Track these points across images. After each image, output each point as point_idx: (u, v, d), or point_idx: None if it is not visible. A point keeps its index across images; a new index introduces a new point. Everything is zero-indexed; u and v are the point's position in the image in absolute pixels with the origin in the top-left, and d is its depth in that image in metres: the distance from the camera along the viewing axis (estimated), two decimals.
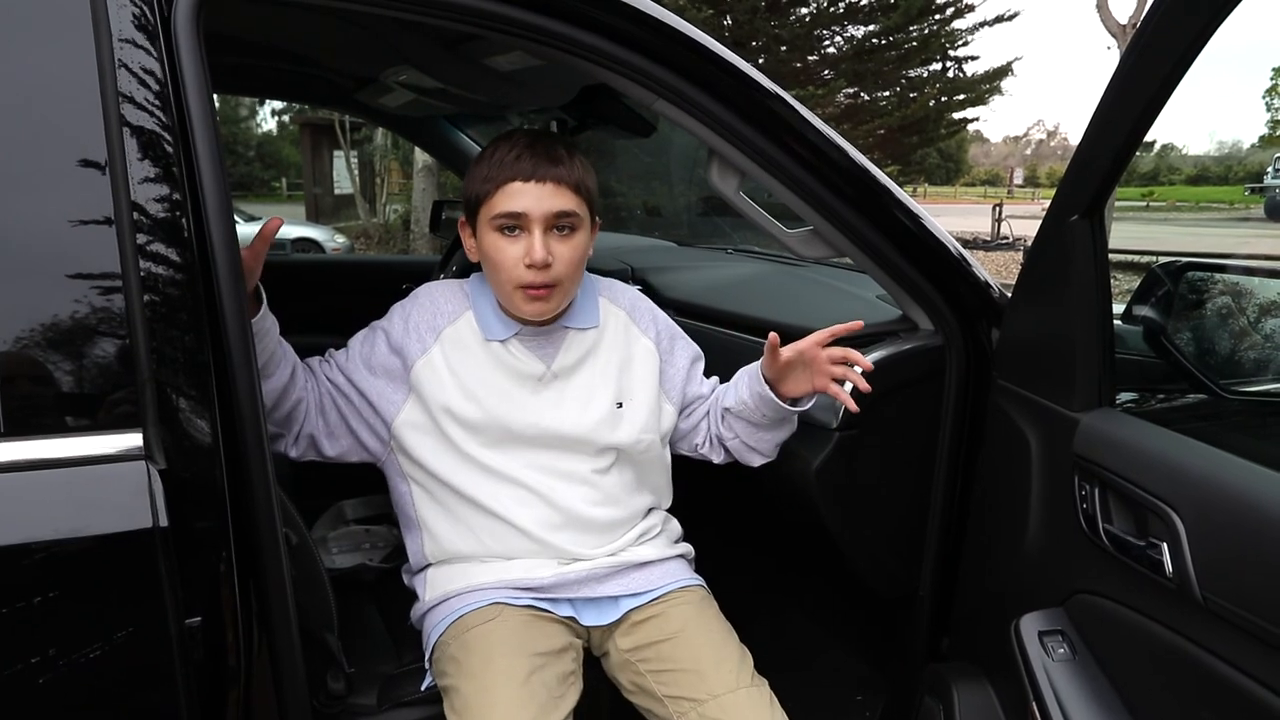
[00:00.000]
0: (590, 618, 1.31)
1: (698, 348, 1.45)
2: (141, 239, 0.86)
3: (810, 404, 1.35)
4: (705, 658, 1.25)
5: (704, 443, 1.44)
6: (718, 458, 1.44)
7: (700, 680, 1.22)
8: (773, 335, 1.26)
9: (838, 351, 1.26)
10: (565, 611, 1.29)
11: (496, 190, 1.19)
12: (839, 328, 1.26)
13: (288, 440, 1.25)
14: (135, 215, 0.86)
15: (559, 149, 1.20)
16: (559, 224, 1.20)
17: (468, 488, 1.27)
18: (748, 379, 1.34)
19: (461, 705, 1.13)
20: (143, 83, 0.88)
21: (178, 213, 0.89)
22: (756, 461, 1.41)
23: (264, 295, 1.15)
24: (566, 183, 1.19)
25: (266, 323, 1.16)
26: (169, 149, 0.89)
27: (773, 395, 1.30)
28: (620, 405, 1.31)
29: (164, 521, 0.83)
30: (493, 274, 1.24)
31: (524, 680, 1.14)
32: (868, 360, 1.28)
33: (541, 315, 1.24)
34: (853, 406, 1.27)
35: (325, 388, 1.27)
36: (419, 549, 1.34)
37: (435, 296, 1.31)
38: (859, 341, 1.52)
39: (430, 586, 1.32)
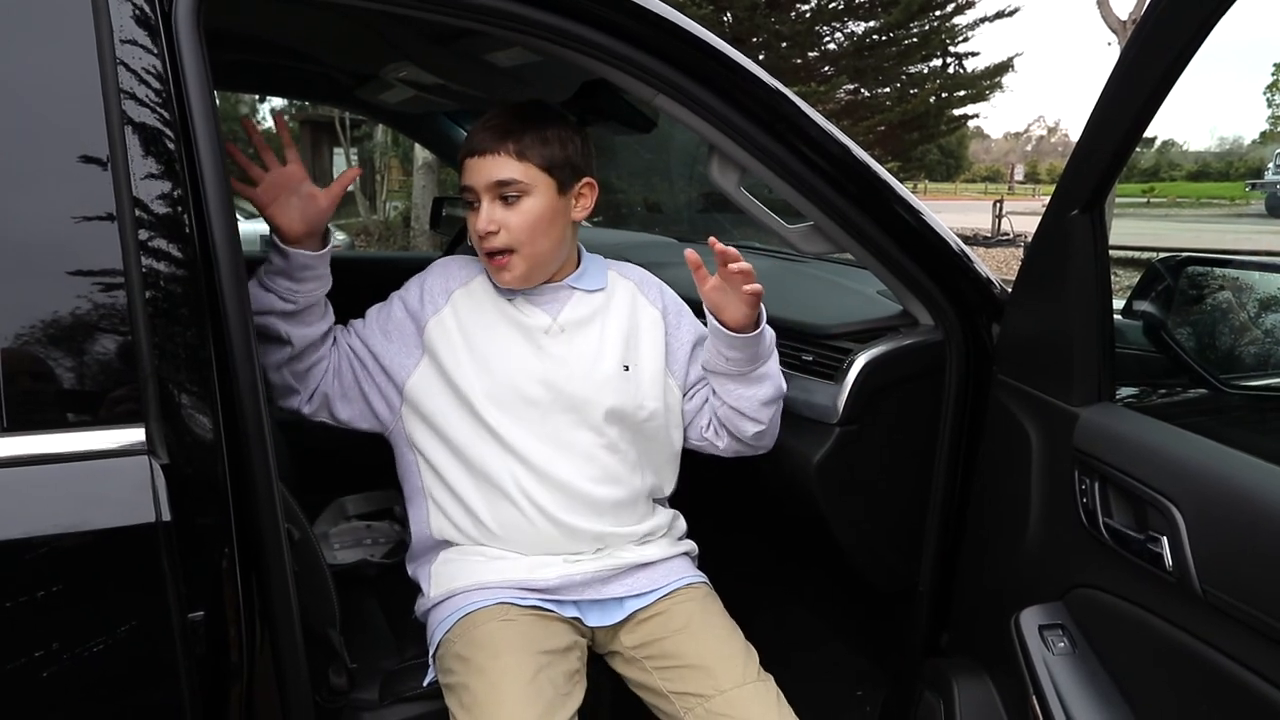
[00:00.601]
0: (595, 618, 1.31)
1: (705, 329, 1.42)
2: (143, 235, 0.86)
3: (762, 328, 1.29)
4: (710, 653, 1.25)
5: (709, 425, 1.41)
6: (722, 443, 1.41)
7: (707, 676, 1.22)
8: (689, 252, 1.24)
9: (734, 266, 1.21)
10: (570, 613, 1.29)
11: (460, 168, 1.29)
12: (712, 242, 1.22)
13: (303, 397, 1.28)
14: (137, 211, 0.86)
15: (511, 121, 1.25)
16: (503, 193, 1.25)
17: (472, 452, 1.28)
18: (708, 318, 1.31)
19: (470, 701, 1.14)
20: (144, 79, 0.88)
21: (179, 208, 0.89)
22: (749, 429, 1.35)
23: (330, 237, 1.24)
24: (507, 153, 1.24)
25: (323, 267, 1.22)
26: (170, 145, 0.89)
27: (717, 323, 1.27)
28: (627, 369, 1.33)
29: (166, 516, 0.84)
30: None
31: (532, 678, 1.14)
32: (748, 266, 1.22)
33: (508, 284, 1.29)
34: (757, 290, 1.22)
35: (344, 351, 1.31)
36: (424, 522, 1.34)
37: (449, 264, 1.38)
38: (861, 335, 1.52)
39: (435, 582, 1.32)
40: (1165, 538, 0.96)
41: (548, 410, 1.29)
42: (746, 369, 1.31)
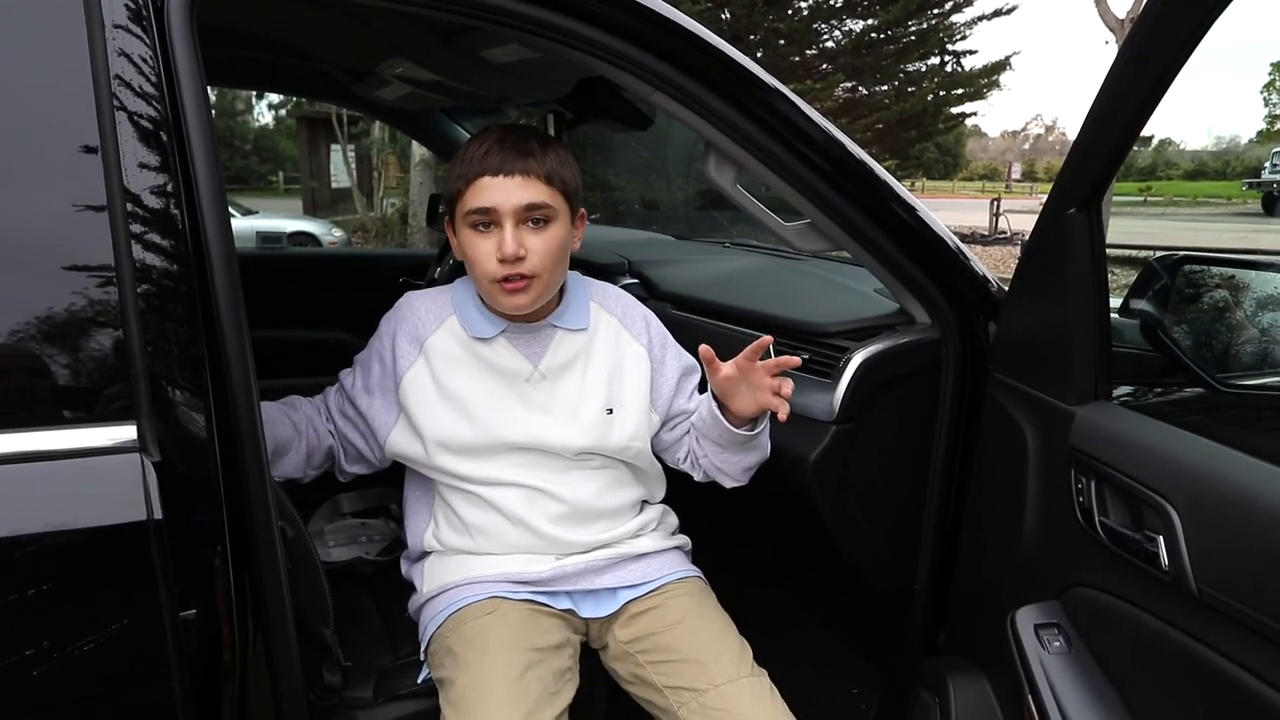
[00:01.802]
0: (589, 609, 1.31)
1: (692, 360, 1.39)
2: (135, 230, 0.85)
3: (763, 427, 1.28)
4: (705, 648, 1.25)
5: (685, 458, 1.41)
6: (698, 475, 1.41)
7: (701, 670, 1.22)
8: (704, 348, 1.19)
9: (771, 363, 1.18)
10: (564, 604, 1.29)
11: (467, 187, 1.18)
12: (764, 340, 1.17)
13: (337, 472, 1.37)
14: (129, 206, 0.85)
15: (530, 142, 1.19)
16: (531, 216, 1.18)
17: (458, 488, 1.29)
18: (708, 395, 1.29)
19: (457, 698, 1.13)
20: (136, 73, 0.87)
21: (171, 204, 0.88)
22: (727, 484, 1.37)
23: None
24: (536, 175, 1.17)
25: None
26: (163, 140, 0.88)
27: (721, 416, 1.25)
28: (610, 412, 1.30)
29: (158, 514, 0.83)
30: (470, 271, 1.24)
31: (520, 675, 1.13)
32: (794, 358, 1.18)
33: (520, 309, 1.23)
34: (783, 415, 1.18)
35: (339, 423, 1.33)
36: (418, 535, 1.35)
37: (416, 306, 1.31)
38: (858, 333, 1.52)
39: (428, 578, 1.32)
40: (1161, 537, 0.95)
41: (529, 454, 1.28)
42: (742, 441, 1.28)
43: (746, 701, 1.19)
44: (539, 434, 1.27)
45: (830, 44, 12.79)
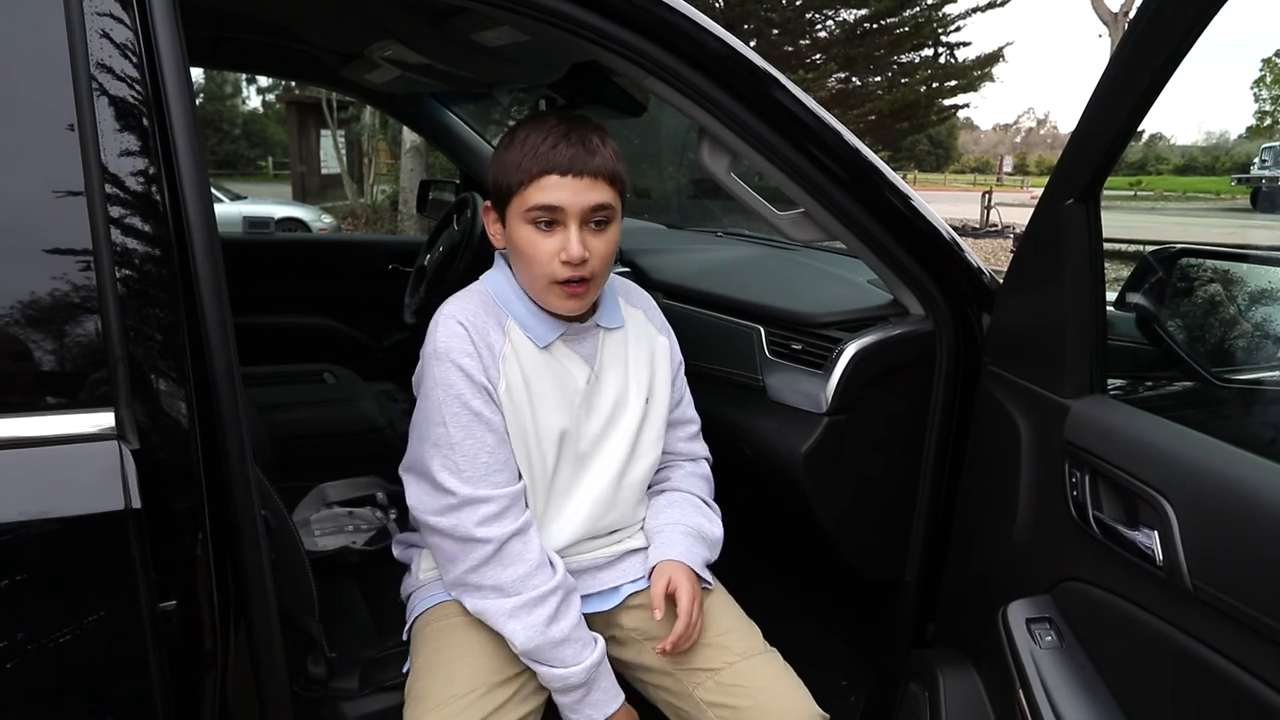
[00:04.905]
0: (590, 606, 1.29)
1: (681, 358, 1.39)
2: (114, 213, 0.83)
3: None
4: (715, 628, 1.25)
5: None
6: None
7: (714, 650, 1.23)
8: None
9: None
10: None
11: (531, 182, 1.11)
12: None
13: None
14: (108, 189, 0.83)
15: (593, 138, 1.14)
16: (595, 218, 1.14)
17: None
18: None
19: (419, 694, 1.14)
20: (115, 52, 0.85)
21: (153, 188, 0.86)
22: None
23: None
24: (603, 175, 1.13)
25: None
26: (144, 122, 0.86)
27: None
28: (648, 401, 1.30)
29: (136, 503, 0.81)
30: (525, 269, 1.17)
31: (486, 689, 1.13)
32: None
33: (573, 310, 1.19)
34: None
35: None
36: None
37: (475, 320, 1.18)
38: (851, 324, 1.51)
39: (427, 564, 1.29)
40: (1156, 532, 0.95)
41: (578, 462, 1.25)
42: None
43: (764, 676, 1.20)
44: (593, 433, 1.25)
45: (823, 34, 12.76)
